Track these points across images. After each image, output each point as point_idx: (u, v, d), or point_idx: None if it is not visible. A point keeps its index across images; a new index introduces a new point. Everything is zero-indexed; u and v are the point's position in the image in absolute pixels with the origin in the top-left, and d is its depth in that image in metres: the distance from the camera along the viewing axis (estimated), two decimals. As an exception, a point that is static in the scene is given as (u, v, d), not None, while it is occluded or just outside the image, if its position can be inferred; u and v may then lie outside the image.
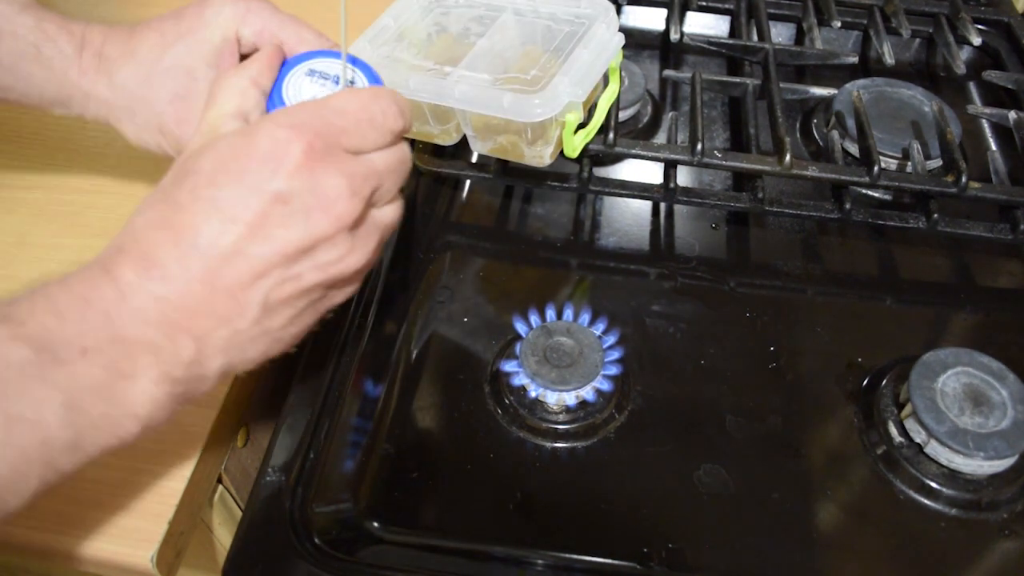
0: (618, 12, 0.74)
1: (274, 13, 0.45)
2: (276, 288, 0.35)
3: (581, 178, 0.58)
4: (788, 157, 0.55)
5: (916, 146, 0.59)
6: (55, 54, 0.44)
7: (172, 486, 0.44)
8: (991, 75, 0.69)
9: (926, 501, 0.45)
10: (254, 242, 0.33)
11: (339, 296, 0.40)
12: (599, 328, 0.51)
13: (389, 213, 0.39)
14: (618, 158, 0.64)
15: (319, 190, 0.34)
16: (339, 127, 0.35)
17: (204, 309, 0.34)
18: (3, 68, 0.45)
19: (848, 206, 0.56)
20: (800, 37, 0.76)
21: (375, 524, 0.44)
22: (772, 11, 0.73)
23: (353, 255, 0.37)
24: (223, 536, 0.52)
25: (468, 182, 0.63)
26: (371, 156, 0.37)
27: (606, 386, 0.48)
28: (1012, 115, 0.63)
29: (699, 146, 0.55)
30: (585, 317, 0.51)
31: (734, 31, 0.74)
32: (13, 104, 0.47)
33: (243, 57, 0.44)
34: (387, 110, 0.37)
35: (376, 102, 0.37)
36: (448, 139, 0.53)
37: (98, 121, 0.47)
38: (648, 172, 0.62)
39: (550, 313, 0.51)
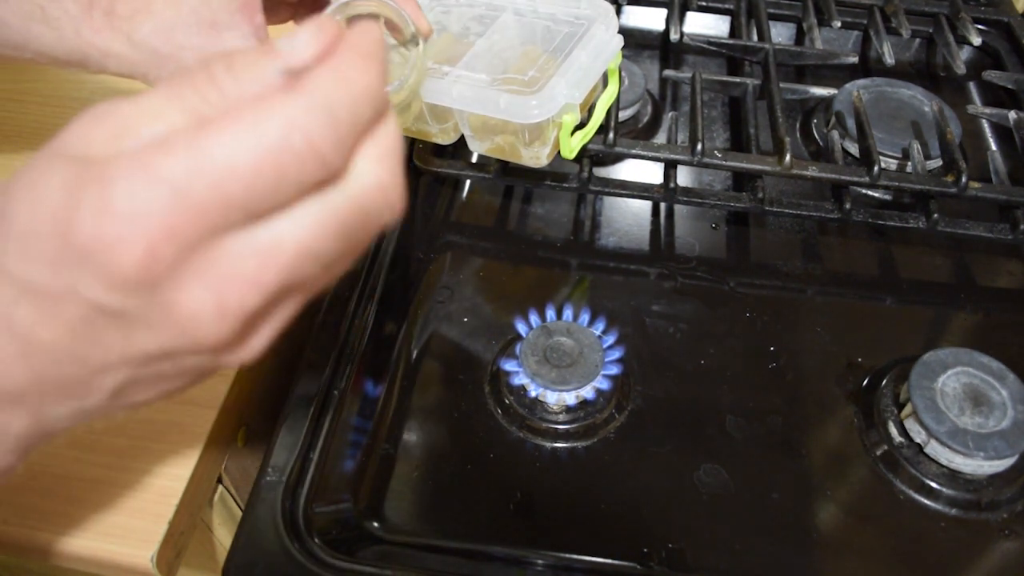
0: (618, 12, 0.74)
1: None
2: (128, 383, 0.26)
3: (581, 178, 0.58)
4: (788, 157, 0.55)
5: (916, 146, 0.59)
6: (61, 14, 0.42)
7: (172, 486, 0.44)
8: (991, 75, 0.69)
9: (926, 501, 0.45)
10: (81, 345, 0.24)
11: (223, 370, 0.29)
12: (599, 328, 0.51)
13: (306, 294, 0.26)
14: (618, 158, 0.64)
15: (166, 309, 0.23)
16: (212, 208, 0.22)
17: (34, 390, 0.26)
18: (11, 30, 0.43)
19: (848, 206, 0.56)
20: (800, 37, 0.76)
21: (375, 524, 0.44)
22: (772, 11, 0.73)
23: (235, 358, 0.26)
24: (223, 536, 0.52)
25: (468, 182, 0.63)
26: (275, 229, 0.23)
27: (606, 386, 0.48)
28: (1012, 115, 0.63)
29: (699, 146, 0.55)
30: (585, 317, 0.51)
31: (734, 31, 0.74)
32: (29, 63, 0.46)
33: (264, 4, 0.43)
34: (307, 151, 0.23)
35: (288, 139, 0.22)
36: (447, 138, 0.53)
37: (122, 76, 0.45)
38: (648, 172, 0.62)
39: (550, 313, 0.51)
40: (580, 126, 0.50)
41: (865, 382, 0.50)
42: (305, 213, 0.24)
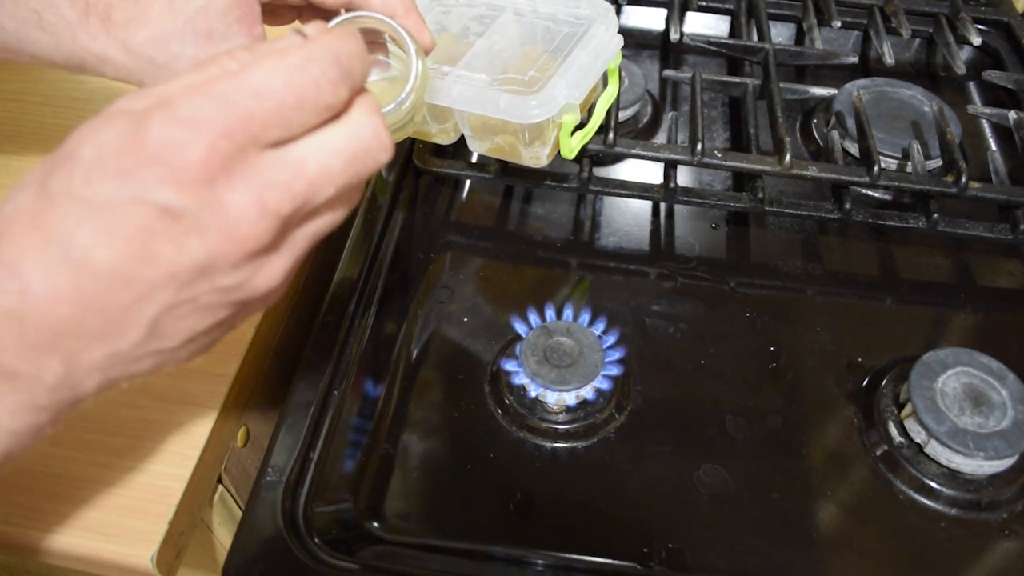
0: (618, 12, 0.74)
1: None
2: (165, 312, 0.29)
3: (581, 178, 0.58)
4: (788, 157, 0.55)
5: (916, 146, 0.59)
6: (57, 20, 0.42)
7: (172, 486, 0.44)
8: (991, 75, 0.69)
9: (926, 501, 0.45)
10: (134, 261, 0.27)
11: (249, 314, 0.33)
12: (599, 328, 0.51)
13: (320, 225, 0.31)
14: (618, 158, 0.64)
15: (219, 208, 0.27)
16: (256, 117, 0.27)
17: (73, 330, 0.28)
18: (7, 33, 0.43)
19: (848, 206, 0.56)
20: (800, 37, 0.76)
21: (375, 524, 0.44)
22: (772, 11, 0.73)
23: (261, 278, 0.30)
24: (223, 536, 0.52)
25: (468, 182, 0.63)
26: (300, 151, 0.29)
27: (606, 386, 0.48)
28: (1012, 115, 0.63)
29: (699, 146, 0.55)
30: (585, 317, 0.51)
31: (734, 31, 0.74)
32: (26, 64, 0.45)
33: (266, 7, 0.43)
34: (322, 77, 0.29)
35: (307, 69, 0.28)
36: (446, 138, 0.53)
37: (119, 81, 0.44)
38: (648, 172, 0.63)
39: (550, 313, 0.51)
40: (580, 126, 0.50)
41: (865, 382, 0.50)
42: (322, 138, 0.29)
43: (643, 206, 0.61)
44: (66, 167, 0.27)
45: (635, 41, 0.76)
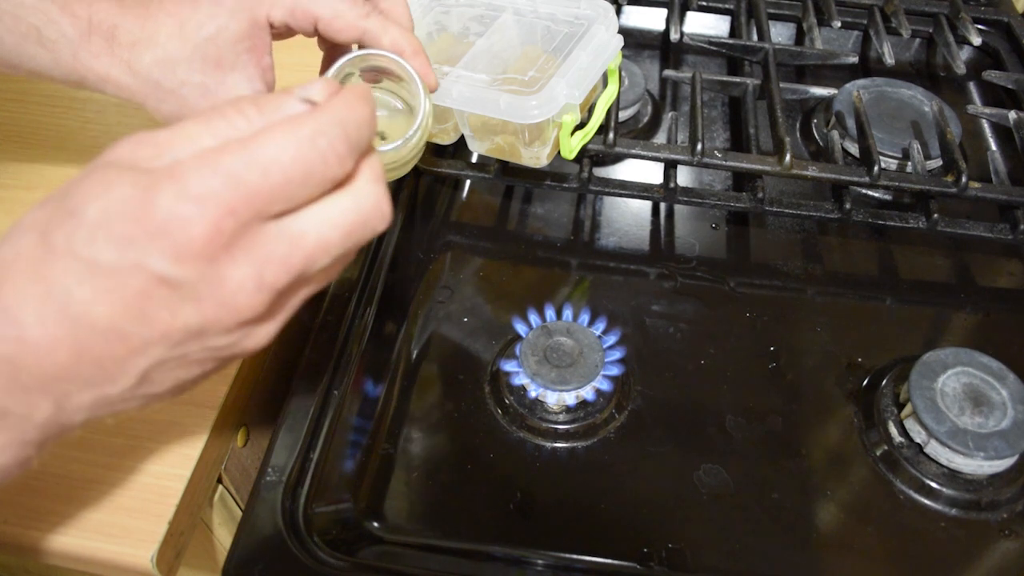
0: (618, 12, 0.74)
1: None
2: (156, 365, 0.30)
3: (581, 178, 0.58)
4: (788, 157, 0.55)
5: (916, 146, 0.59)
6: (58, 37, 0.41)
7: (172, 486, 0.44)
8: (991, 75, 0.69)
9: (926, 501, 0.45)
10: (130, 321, 0.28)
11: (236, 359, 0.33)
12: (599, 328, 0.51)
13: (311, 290, 0.32)
14: (618, 158, 0.64)
15: (217, 281, 0.28)
16: (262, 193, 0.28)
17: (66, 375, 0.28)
18: (5, 48, 0.43)
19: (848, 206, 0.56)
20: (800, 37, 0.76)
21: (375, 524, 0.44)
22: (772, 11, 0.73)
23: (252, 340, 0.31)
24: (223, 536, 0.52)
25: (468, 182, 0.63)
26: (301, 223, 0.29)
27: (606, 386, 0.48)
28: (1012, 115, 0.63)
29: (699, 146, 0.55)
30: (585, 317, 0.51)
31: (734, 31, 0.74)
32: (25, 77, 0.45)
33: (276, 36, 0.43)
34: (330, 151, 0.29)
35: (315, 143, 0.28)
36: (446, 138, 0.53)
37: (120, 99, 0.44)
38: (648, 172, 0.63)
39: (550, 313, 0.51)
40: (580, 126, 0.50)
41: (865, 382, 0.50)
42: (323, 211, 0.29)
43: (643, 206, 0.61)
44: (71, 223, 0.28)
45: (635, 41, 0.76)
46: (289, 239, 0.29)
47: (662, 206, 0.62)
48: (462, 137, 0.52)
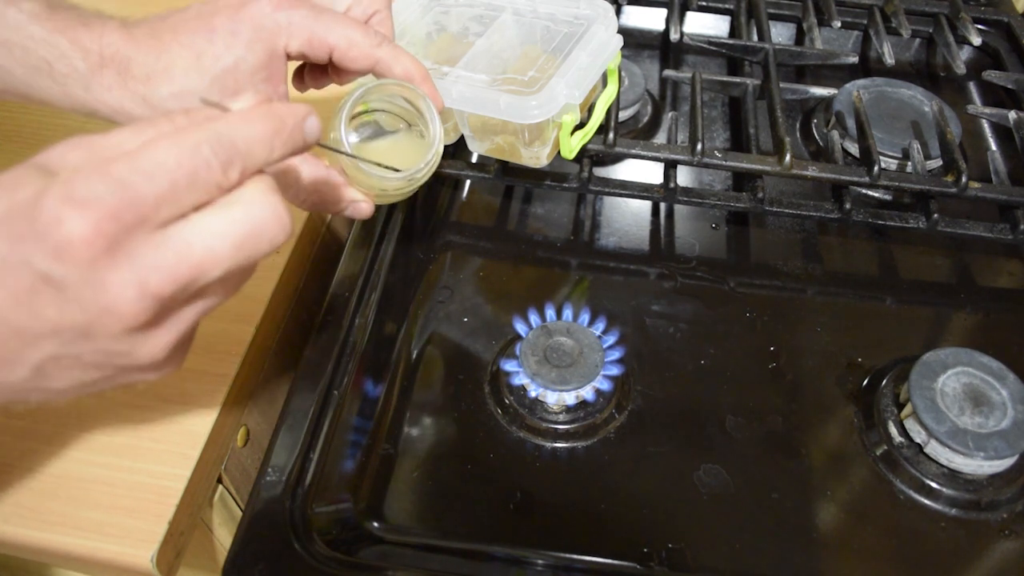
0: (618, 12, 0.74)
1: (318, 17, 0.41)
2: (49, 360, 0.30)
3: (581, 178, 0.58)
4: (788, 157, 0.55)
5: (916, 146, 0.59)
6: (70, 71, 0.41)
7: (172, 486, 0.44)
8: (991, 75, 0.69)
9: (926, 501, 0.45)
10: (21, 314, 0.29)
11: (142, 378, 0.34)
12: (599, 328, 0.51)
13: (209, 304, 0.32)
14: (618, 158, 0.64)
15: (98, 285, 0.28)
16: (149, 197, 0.28)
17: None
18: (15, 79, 0.43)
19: (848, 206, 0.56)
20: (800, 37, 0.76)
21: (375, 524, 0.44)
22: (772, 11, 0.73)
23: (145, 350, 0.31)
24: (223, 536, 0.52)
25: (468, 182, 0.63)
26: (187, 233, 0.29)
27: (606, 386, 0.48)
28: (1012, 115, 0.63)
29: (699, 146, 0.55)
30: (585, 317, 0.51)
31: (734, 31, 0.74)
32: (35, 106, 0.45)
33: (291, 58, 0.43)
34: (213, 159, 0.29)
35: (198, 150, 0.29)
36: (446, 139, 0.53)
37: None
38: (648, 172, 0.62)
39: (550, 313, 0.51)
40: (580, 126, 0.50)
41: (865, 382, 0.50)
42: (211, 221, 0.30)
43: (643, 206, 0.61)
44: None
45: (635, 41, 0.76)
46: (175, 248, 0.29)
47: (662, 206, 0.62)
48: (462, 137, 0.52)
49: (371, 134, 0.45)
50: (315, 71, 0.47)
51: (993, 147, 0.67)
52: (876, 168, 0.55)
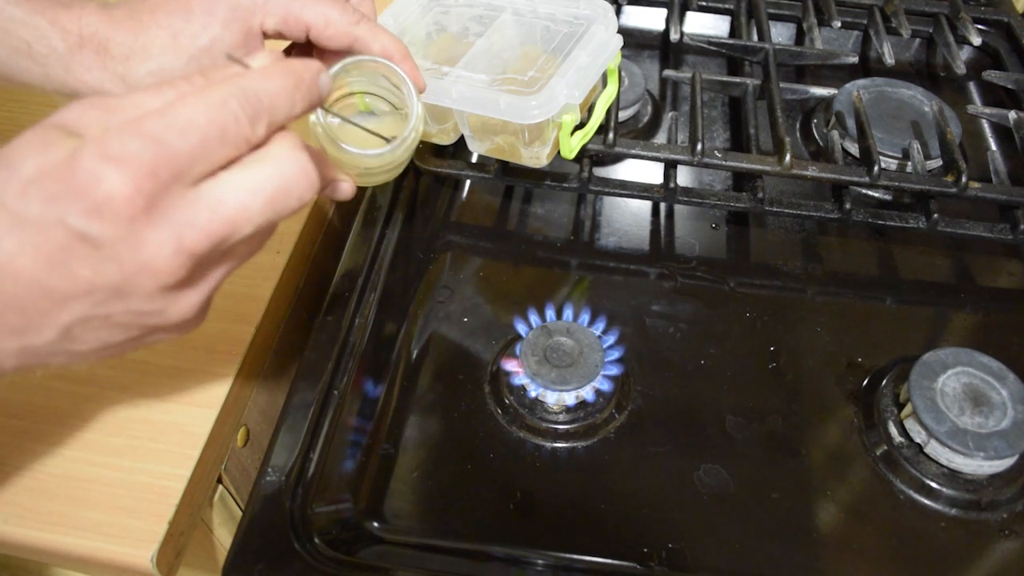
0: (618, 12, 0.74)
1: None
2: (79, 322, 0.30)
3: (581, 178, 0.58)
4: (788, 157, 0.55)
5: (916, 146, 0.59)
6: (49, 52, 0.42)
7: (172, 486, 0.44)
8: (991, 75, 0.69)
9: (926, 501, 0.45)
10: (53, 275, 0.29)
11: (166, 337, 0.34)
12: (599, 328, 0.51)
13: (236, 262, 0.33)
14: (618, 158, 0.64)
15: (136, 243, 0.28)
16: (181, 154, 0.29)
17: None
18: None
19: (848, 206, 0.56)
20: (800, 37, 0.76)
21: (375, 524, 0.44)
22: (772, 11, 0.73)
23: (175, 309, 0.31)
24: (223, 536, 0.52)
25: (468, 182, 0.63)
26: (220, 190, 0.30)
27: (606, 386, 0.48)
28: (1012, 115, 0.63)
29: (699, 146, 0.55)
30: (585, 317, 0.51)
31: (734, 31, 0.74)
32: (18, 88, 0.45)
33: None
34: (241, 113, 0.30)
35: (227, 104, 0.30)
36: (446, 139, 0.53)
37: None
38: (648, 172, 0.63)
39: (550, 313, 0.51)
40: (580, 126, 0.50)
41: (865, 382, 0.50)
42: (243, 177, 0.30)
43: (643, 206, 0.61)
44: (4, 175, 0.29)
45: (635, 41, 0.76)
46: (209, 205, 0.29)
47: (662, 206, 0.62)
48: (462, 137, 0.52)
49: (359, 117, 0.45)
50: (300, 52, 0.47)
51: (993, 147, 0.67)
52: (876, 168, 0.55)
